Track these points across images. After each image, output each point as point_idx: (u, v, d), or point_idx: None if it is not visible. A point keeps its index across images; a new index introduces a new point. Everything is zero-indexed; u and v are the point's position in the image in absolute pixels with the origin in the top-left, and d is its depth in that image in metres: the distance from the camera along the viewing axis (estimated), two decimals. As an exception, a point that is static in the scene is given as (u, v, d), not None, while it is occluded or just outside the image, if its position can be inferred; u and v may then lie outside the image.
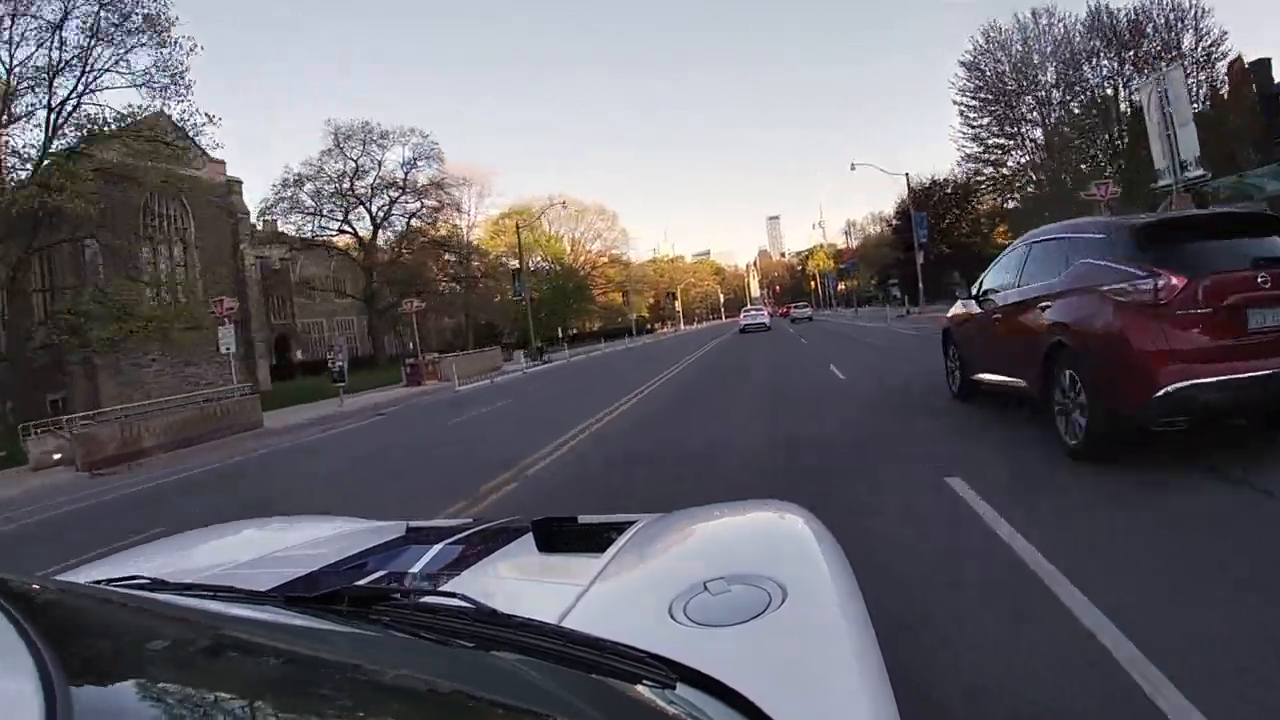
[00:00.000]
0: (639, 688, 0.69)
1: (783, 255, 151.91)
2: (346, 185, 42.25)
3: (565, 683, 0.69)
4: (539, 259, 67.21)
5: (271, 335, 38.99)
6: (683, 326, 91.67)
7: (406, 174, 44.20)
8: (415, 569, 1.36)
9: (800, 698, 0.76)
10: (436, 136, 68.74)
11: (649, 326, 72.40)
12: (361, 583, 1.27)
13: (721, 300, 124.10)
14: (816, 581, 1.05)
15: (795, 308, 52.58)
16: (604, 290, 71.82)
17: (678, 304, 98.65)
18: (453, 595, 0.90)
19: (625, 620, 0.97)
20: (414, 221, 45.55)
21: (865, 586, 1.07)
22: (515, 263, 48.82)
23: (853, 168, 33.82)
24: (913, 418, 6.69)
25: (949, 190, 44.39)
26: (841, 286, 73.55)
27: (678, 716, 0.68)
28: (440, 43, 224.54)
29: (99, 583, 1.03)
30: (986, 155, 40.48)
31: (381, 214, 44.09)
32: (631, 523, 1.42)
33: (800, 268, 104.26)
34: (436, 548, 1.47)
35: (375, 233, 44.24)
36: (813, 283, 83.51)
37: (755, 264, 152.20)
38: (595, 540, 1.34)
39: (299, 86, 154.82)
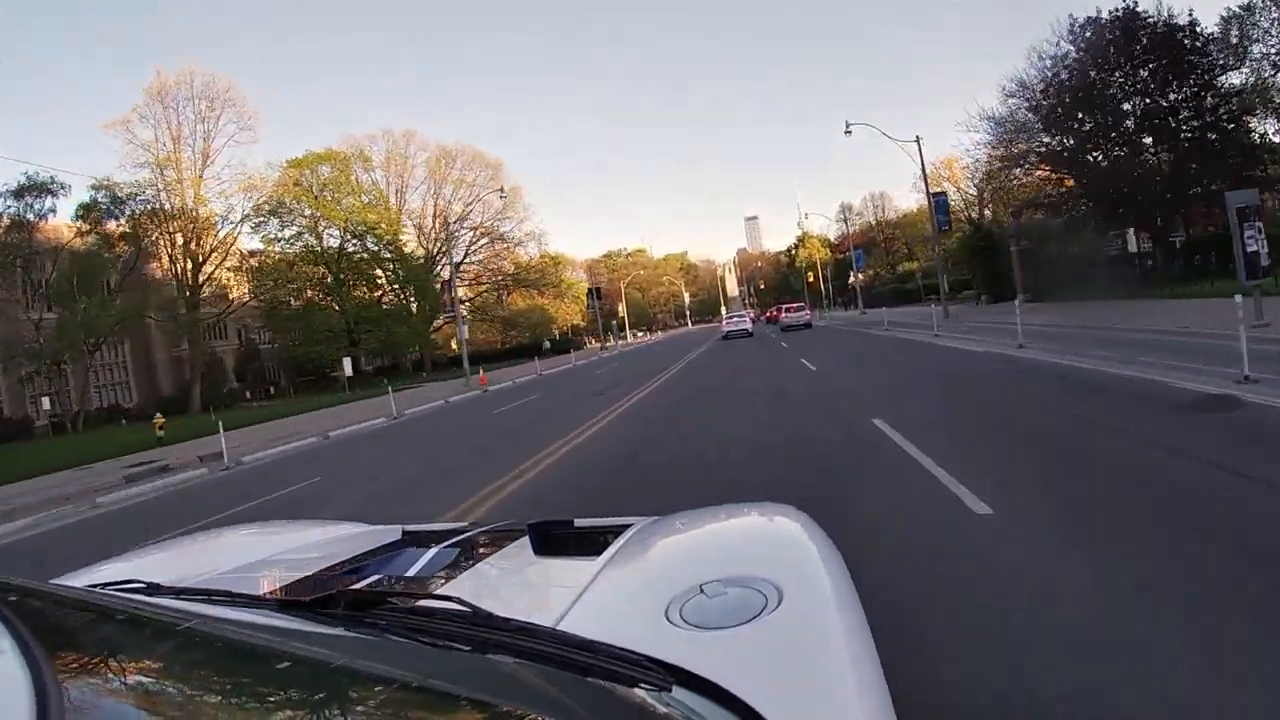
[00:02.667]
0: (635, 691, 0.70)
1: (764, 254, 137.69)
2: None
3: (561, 686, 0.69)
4: (347, 232, 41.91)
5: None
6: (629, 339, 62.12)
7: None
8: (412, 572, 1.37)
9: (796, 700, 0.77)
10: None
11: (546, 345, 49.10)
12: (358, 586, 1.27)
13: (687, 302, 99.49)
14: (813, 583, 1.05)
15: (789, 310, 37.88)
16: (490, 288, 49.11)
17: (621, 308, 65.82)
18: (449, 598, 0.90)
19: (621, 623, 0.97)
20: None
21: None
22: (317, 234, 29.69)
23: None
24: None
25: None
26: (857, 278, 50.62)
27: (673, 719, 0.69)
28: (435, 44, 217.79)
29: (95, 586, 1.02)
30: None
31: None
32: (627, 526, 1.42)
33: (790, 259, 77.84)
34: (433, 551, 1.47)
35: None
36: (811, 276, 61.34)
37: (734, 261, 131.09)
38: (591, 543, 1.35)
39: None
